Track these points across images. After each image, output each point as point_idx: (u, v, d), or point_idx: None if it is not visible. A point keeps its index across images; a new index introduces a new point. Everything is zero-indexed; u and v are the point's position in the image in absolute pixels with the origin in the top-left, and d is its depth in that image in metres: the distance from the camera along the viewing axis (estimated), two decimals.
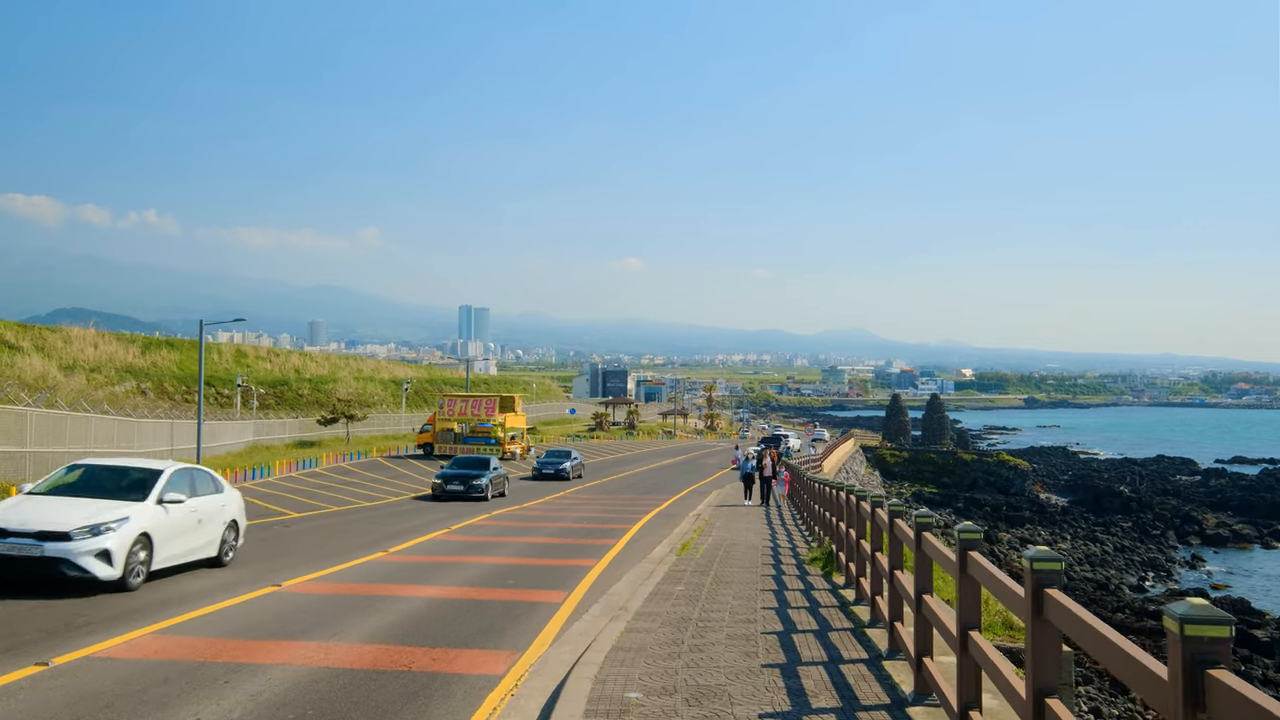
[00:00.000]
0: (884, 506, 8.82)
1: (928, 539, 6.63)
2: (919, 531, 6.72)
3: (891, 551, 8.32)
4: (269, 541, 18.13)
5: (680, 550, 16.40)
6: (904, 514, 8.27)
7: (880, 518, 8.91)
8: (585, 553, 17.18)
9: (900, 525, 7.95)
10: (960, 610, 5.61)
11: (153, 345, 76.70)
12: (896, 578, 8.05)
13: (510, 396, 61.88)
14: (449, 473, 30.93)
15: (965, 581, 5.62)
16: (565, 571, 14.63)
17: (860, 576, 10.61)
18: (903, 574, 8.11)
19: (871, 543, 9.36)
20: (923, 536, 6.69)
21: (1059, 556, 4.42)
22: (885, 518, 8.53)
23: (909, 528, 7.25)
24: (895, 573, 8.12)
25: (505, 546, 17.92)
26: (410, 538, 19.06)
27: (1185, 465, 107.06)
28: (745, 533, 20.33)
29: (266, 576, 13.36)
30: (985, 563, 5.36)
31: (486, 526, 22.04)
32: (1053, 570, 4.34)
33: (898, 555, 8.27)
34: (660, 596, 11.30)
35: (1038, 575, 4.35)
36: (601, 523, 23.40)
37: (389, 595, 12.01)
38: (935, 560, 6.52)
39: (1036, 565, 4.36)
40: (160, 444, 41.48)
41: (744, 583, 12.50)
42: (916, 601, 6.82)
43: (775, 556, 15.76)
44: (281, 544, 17.77)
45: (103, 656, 8.49)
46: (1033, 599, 4.38)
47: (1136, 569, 46.66)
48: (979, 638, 5.35)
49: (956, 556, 5.63)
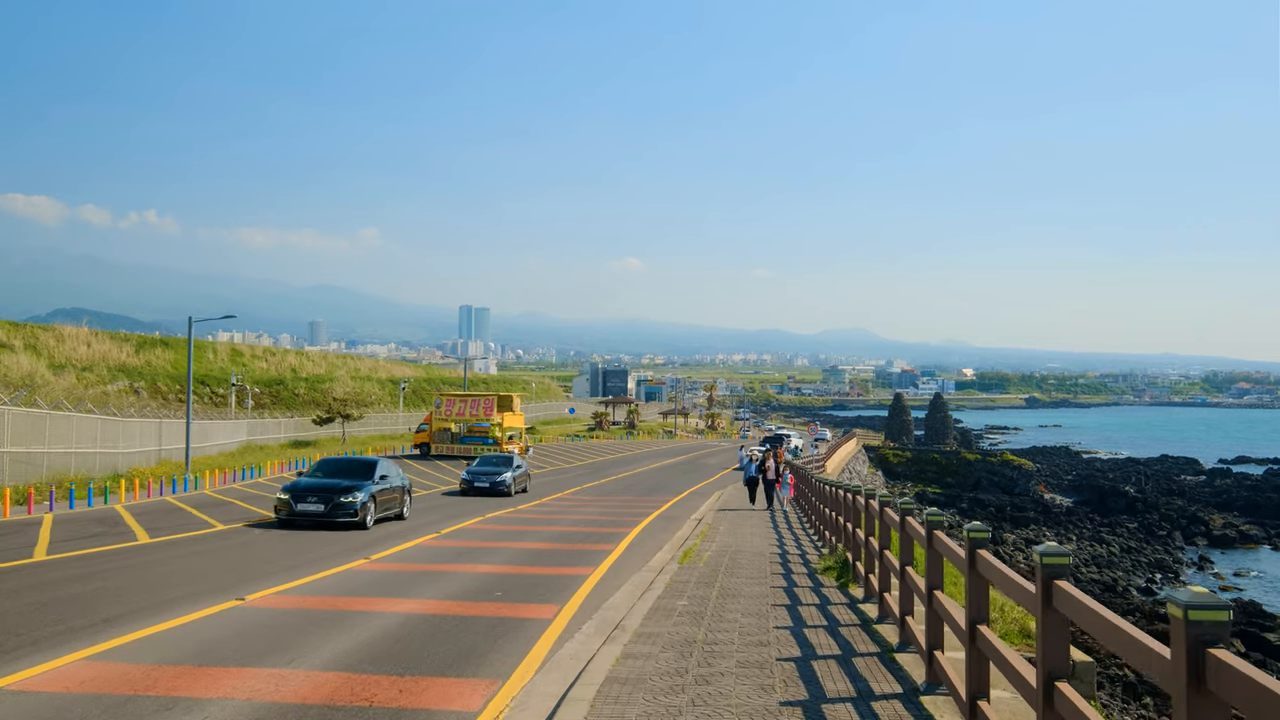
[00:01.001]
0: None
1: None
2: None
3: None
4: (247, 546, 17.02)
5: (682, 558, 15.29)
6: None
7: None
8: (581, 559, 16.06)
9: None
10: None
11: (147, 344, 75.62)
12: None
13: (508, 396, 60.73)
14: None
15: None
16: (559, 582, 13.51)
17: (884, 592, 9.50)
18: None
19: (901, 553, 8.29)
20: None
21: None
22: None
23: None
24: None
25: (496, 553, 16.79)
26: (396, 543, 17.94)
27: (1189, 465, 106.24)
28: (751, 538, 19.21)
29: (232, 588, 12.23)
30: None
31: (479, 530, 20.92)
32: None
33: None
34: (661, 613, 10.19)
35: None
36: (600, 526, 22.28)
37: (362, 611, 10.88)
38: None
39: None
40: (148, 443, 40.37)
41: (753, 596, 11.38)
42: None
43: (785, 565, 14.63)
44: (257, 550, 16.65)
45: (16, 689, 7.39)
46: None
47: (1144, 570, 46.00)
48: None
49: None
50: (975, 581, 5.84)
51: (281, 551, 16.48)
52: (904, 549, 8.29)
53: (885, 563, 9.28)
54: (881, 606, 9.66)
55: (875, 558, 10.26)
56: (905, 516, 8.29)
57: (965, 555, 5.83)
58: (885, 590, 9.51)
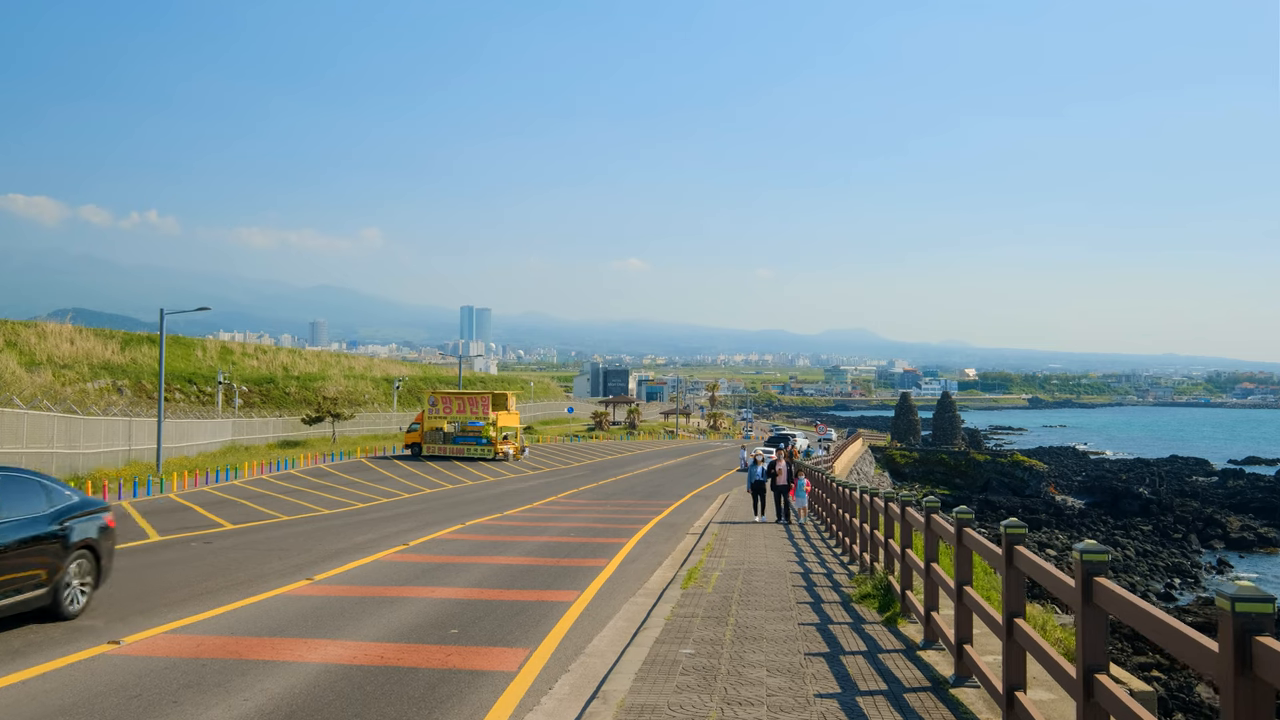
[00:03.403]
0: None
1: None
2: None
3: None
4: (169, 566, 14.43)
5: (686, 580, 12.71)
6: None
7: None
8: (566, 579, 13.51)
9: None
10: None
11: (133, 341, 73.05)
12: None
13: (503, 394, 58.20)
14: None
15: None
16: (534, 612, 10.96)
17: (965, 643, 6.95)
18: None
19: (1008, 602, 5.77)
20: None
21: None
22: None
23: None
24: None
25: (467, 571, 14.21)
26: (351, 558, 15.38)
27: (1200, 466, 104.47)
28: (764, 551, 16.63)
29: (116, 624, 9.68)
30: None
31: (454, 541, 18.35)
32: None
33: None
34: (659, 669, 7.62)
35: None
36: (592, 536, 19.72)
37: (265, 661, 8.26)
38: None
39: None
40: (115, 443, 37.83)
41: (779, 639, 8.82)
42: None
43: (810, 590, 12.05)
44: (180, 568, 14.08)
45: None
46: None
47: (1162, 575, 44.58)
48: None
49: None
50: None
51: (215, 570, 13.92)
52: (1010, 593, 5.94)
53: (970, 603, 6.75)
54: (959, 663, 7.12)
55: (943, 590, 7.72)
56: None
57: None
58: (966, 641, 6.97)
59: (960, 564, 7.04)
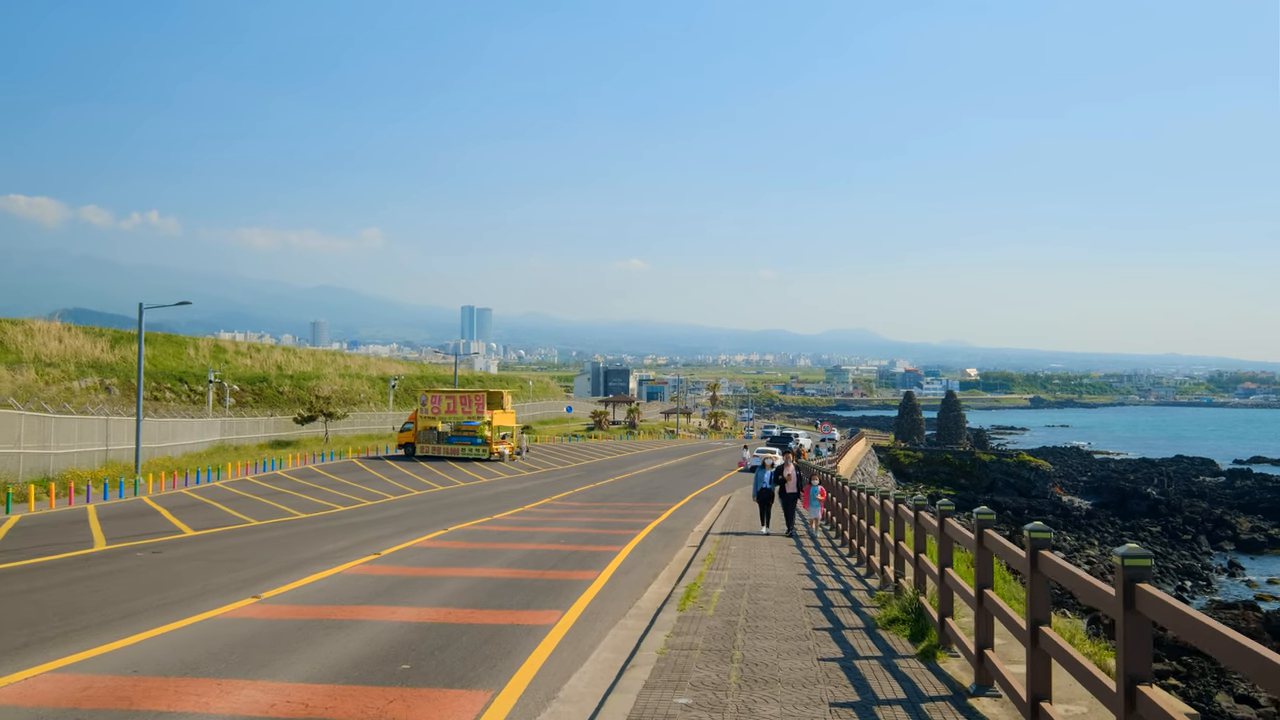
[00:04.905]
0: None
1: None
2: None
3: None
4: (98, 581, 12.76)
5: (684, 599, 11.11)
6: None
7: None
8: (548, 596, 11.92)
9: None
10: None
11: (123, 340, 71.52)
12: None
13: (498, 393, 56.63)
14: None
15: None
16: (505, 638, 9.37)
17: (1042, 701, 5.39)
18: None
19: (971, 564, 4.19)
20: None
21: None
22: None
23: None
24: None
25: (436, 587, 12.61)
26: (311, 570, 13.79)
27: (1206, 466, 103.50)
28: (771, 561, 15.03)
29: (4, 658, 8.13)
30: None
31: (431, 550, 16.76)
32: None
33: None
34: None
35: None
36: (584, 543, 18.11)
37: (159, 713, 6.62)
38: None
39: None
40: (90, 443, 36.22)
41: (796, 682, 7.23)
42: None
43: (827, 612, 10.44)
44: (110, 584, 12.44)
45: None
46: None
47: (1172, 577, 43.69)
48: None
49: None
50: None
51: (156, 585, 12.32)
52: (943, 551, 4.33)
53: (1047, 646, 5.21)
54: (1035, 716, 5.55)
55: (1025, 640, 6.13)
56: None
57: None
58: (1042, 698, 5.38)
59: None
